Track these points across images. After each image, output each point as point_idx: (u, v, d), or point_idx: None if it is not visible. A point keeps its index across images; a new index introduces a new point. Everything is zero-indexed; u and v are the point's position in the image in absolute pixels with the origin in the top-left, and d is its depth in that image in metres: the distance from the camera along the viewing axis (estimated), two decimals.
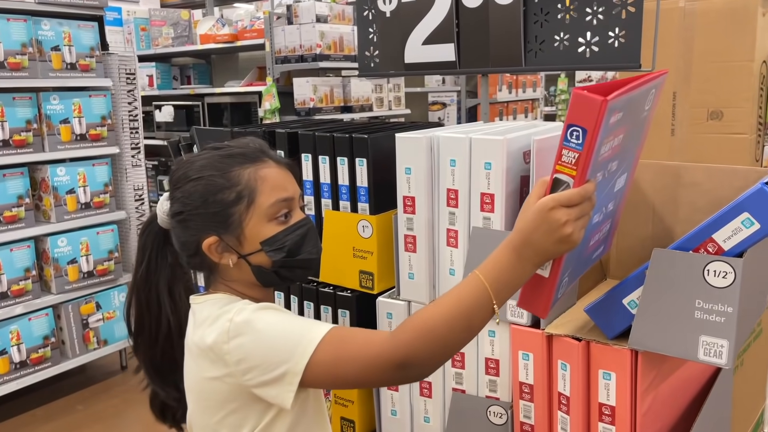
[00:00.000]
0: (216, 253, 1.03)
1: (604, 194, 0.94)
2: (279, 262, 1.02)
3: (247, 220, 1.01)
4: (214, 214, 1.01)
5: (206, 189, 1.01)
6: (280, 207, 1.02)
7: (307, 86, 4.00)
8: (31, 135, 2.79)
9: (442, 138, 1.20)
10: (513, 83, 5.64)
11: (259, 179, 1.02)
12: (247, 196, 1.01)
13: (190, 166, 1.04)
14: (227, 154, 1.04)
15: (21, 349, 2.79)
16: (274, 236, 1.02)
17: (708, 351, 0.96)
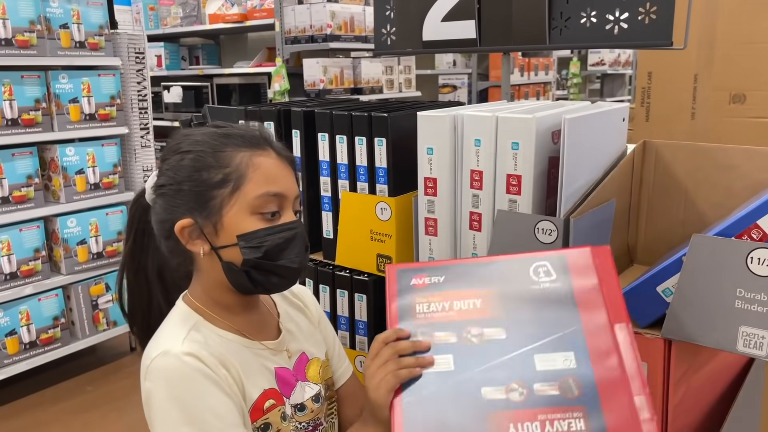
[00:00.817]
0: (188, 238, 0.94)
1: (490, 365, 0.83)
2: (251, 262, 0.92)
3: (228, 207, 0.92)
4: (196, 193, 0.92)
5: (193, 164, 0.93)
6: (267, 201, 0.93)
7: (317, 67, 3.94)
8: (40, 114, 2.75)
9: (466, 116, 1.15)
10: (525, 66, 5.56)
11: (252, 166, 0.93)
12: (234, 181, 0.92)
13: (184, 139, 0.96)
14: (225, 133, 0.96)
15: (31, 330, 2.77)
16: (253, 232, 0.92)
17: (748, 342, 0.92)
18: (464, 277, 0.93)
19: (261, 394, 0.96)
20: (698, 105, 2.67)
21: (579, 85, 6.45)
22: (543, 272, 0.91)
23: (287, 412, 0.99)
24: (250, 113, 1.49)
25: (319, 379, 1.06)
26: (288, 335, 1.06)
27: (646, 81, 2.76)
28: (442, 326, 0.88)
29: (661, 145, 1.25)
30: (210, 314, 0.98)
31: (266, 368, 0.99)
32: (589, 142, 1.15)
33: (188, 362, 0.89)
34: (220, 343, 0.95)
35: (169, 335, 0.94)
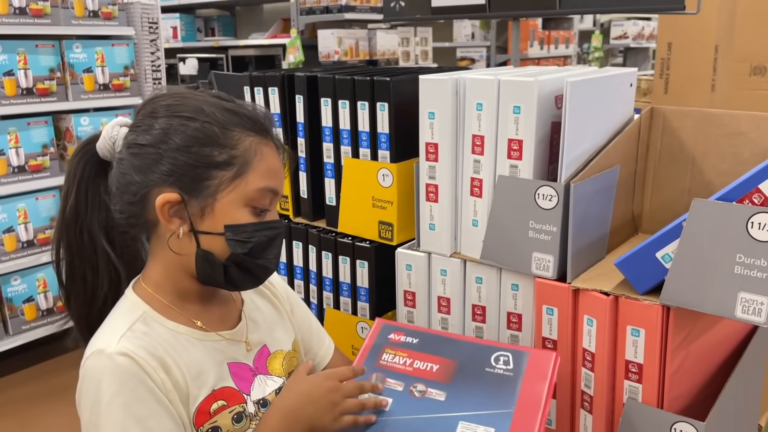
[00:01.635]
0: (166, 214, 0.85)
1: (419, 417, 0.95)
2: (234, 257, 0.87)
3: (225, 192, 0.85)
4: (190, 167, 0.84)
5: (195, 134, 0.84)
6: (264, 196, 0.88)
7: (331, 38, 3.91)
8: (54, 84, 2.77)
9: (468, 80, 1.13)
10: (545, 39, 5.47)
11: (258, 155, 0.87)
12: (238, 167, 0.85)
13: (182, 100, 0.87)
14: (233, 110, 0.88)
15: (48, 297, 2.82)
16: (243, 225, 0.86)
17: (746, 309, 0.90)
18: (434, 345, 1.06)
19: (209, 395, 0.89)
20: (718, 77, 2.61)
21: (601, 59, 6.33)
22: (503, 361, 1.02)
23: (248, 411, 0.93)
24: (254, 79, 1.48)
25: (283, 371, 1.00)
26: (251, 324, 1.00)
27: (666, 52, 2.70)
28: (396, 375, 1.01)
29: (669, 111, 1.23)
30: (163, 303, 0.91)
31: (220, 366, 0.92)
32: (593, 107, 1.12)
33: (122, 364, 0.82)
34: (167, 339, 0.88)
35: (109, 329, 0.87)
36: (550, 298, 1.09)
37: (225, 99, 0.91)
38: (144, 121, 0.87)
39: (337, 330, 1.42)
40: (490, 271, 1.18)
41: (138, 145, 0.86)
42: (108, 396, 0.81)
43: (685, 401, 1.04)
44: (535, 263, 1.10)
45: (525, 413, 0.93)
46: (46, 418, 2.48)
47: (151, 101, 0.90)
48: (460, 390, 0.98)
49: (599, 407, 1.06)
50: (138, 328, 0.87)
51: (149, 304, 0.90)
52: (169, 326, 0.90)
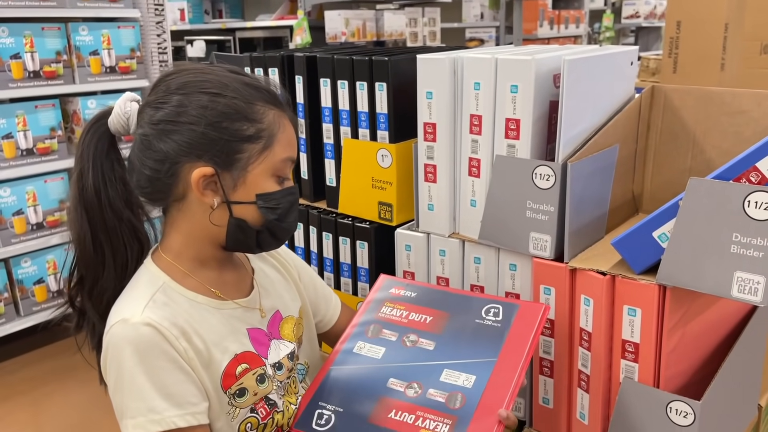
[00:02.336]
0: (200, 188, 0.89)
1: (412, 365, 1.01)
2: (268, 223, 0.92)
3: (256, 164, 0.90)
4: (223, 141, 0.87)
5: (225, 110, 0.88)
6: (286, 166, 0.94)
7: (338, 19, 3.89)
8: (61, 66, 2.78)
9: (466, 59, 1.12)
10: (555, 18, 5.40)
11: (282, 127, 0.92)
12: (266, 139, 0.90)
13: (203, 76, 0.90)
14: (253, 84, 0.92)
15: (58, 279, 2.86)
16: (272, 193, 0.92)
17: (743, 288, 0.90)
18: (431, 298, 1.11)
19: (232, 359, 0.93)
20: (728, 55, 2.57)
21: (612, 39, 6.24)
22: (492, 313, 1.05)
23: (268, 373, 0.97)
24: (255, 60, 1.48)
25: (293, 337, 1.05)
26: (262, 291, 1.03)
27: (675, 31, 2.66)
28: (391, 326, 1.07)
29: (670, 89, 1.21)
30: (182, 271, 0.94)
31: (239, 331, 0.96)
32: (592, 86, 1.11)
33: (145, 334, 0.86)
34: (187, 309, 0.92)
35: (132, 299, 0.91)
36: (548, 278, 1.09)
37: (241, 73, 0.94)
38: (167, 97, 0.89)
39: None
40: (489, 251, 1.18)
41: (166, 121, 0.88)
42: (131, 364, 0.85)
43: (681, 381, 1.04)
44: (532, 243, 1.10)
45: (507, 362, 0.97)
46: (58, 397, 2.53)
47: (168, 77, 0.91)
48: (449, 340, 1.03)
49: (596, 386, 1.07)
50: (159, 298, 0.90)
51: (168, 274, 0.94)
52: (188, 296, 0.93)
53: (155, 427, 0.85)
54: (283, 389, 1.00)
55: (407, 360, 1.01)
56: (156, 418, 0.85)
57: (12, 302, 2.72)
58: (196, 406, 0.88)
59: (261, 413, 0.96)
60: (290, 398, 1.02)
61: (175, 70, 0.92)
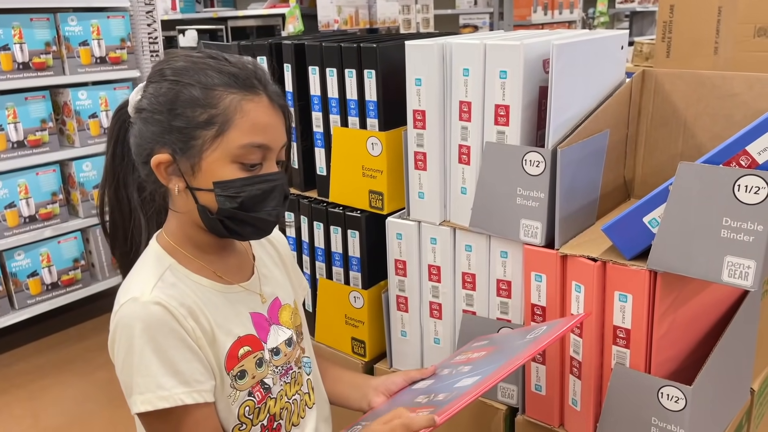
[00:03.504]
0: (164, 174, 0.90)
1: (442, 384, 0.99)
2: (225, 212, 0.90)
3: (209, 151, 0.88)
4: (177, 129, 0.88)
5: (177, 96, 0.88)
6: (250, 152, 0.89)
7: (331, 7, 3.86)
8: (50, 57, 2.75)
9: (454, 45, 1.11)
10: (549, 4, 5.37)
11: (240, 112, 0.88)
12: (219, 125, 0.87)
13: (173, 63, 0.90)
14: (217, 67, 0.90)
15: (52, 271, 2.85)
16: (230, 181, 0.89)
17: (733, 272, 0.89)
18: (496, 339, 1.09)
19: (235, 341, 0.94)
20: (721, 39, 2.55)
21: (606, 24, 6.22)
22: (534, 330, 1.01)
23: (265, 357, 0.98)
24: (243, 48, 1.46)
25: (291, 324, 1.05)
26: (262, 278, 1.04)
27: (668, 15, 2.64)
28: (449, 366, 1.05)
29: (661, 74, 1.20)
30: (185, 254, 0.95)
31: (242, 314, 0.97)
32: (582, 71, 1.10)
33: (155, 313, 0.87)
34: (193, 290, 0.93)
35: (141, 279, 0.92)
36: (539, 265, 1.09)
37: (215, 57, 0.92)
38: (149, 86, 0.91)
39: (330, 300, 1.42)
40: (479, 238, 1.17)
41: (140, 109, 0.91)
42: (141, 342, 0.86)
43: (672, 366, 1.04)
44: (523, 230, 1.09)
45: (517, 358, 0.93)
46: (54, 390, 2.53)
47: (158, 64, 0.93)
48: (485, 360, 1.00)
49: (588, 373, 1.07)
50: (168, 278, 0.92)
51: (173, 257, 0.94)
52: (193, 278, 0.94)
53: (163, 403, 0.86)
54: (278, 375, 1.00)
55: (440, 381, 1.01)
56: (164, 395, 0.86)
57: (6, 295, 2.71)
58: (203, 384, 0.89)
59: (257, 396, 0.97)
60: (291, 390, 1.02)
61: (166, 57, 0.94)
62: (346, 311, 1.40)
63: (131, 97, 0.94)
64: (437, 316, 1.27)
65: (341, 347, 1.44)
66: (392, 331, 1.34)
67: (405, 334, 1.32)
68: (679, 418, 0.97)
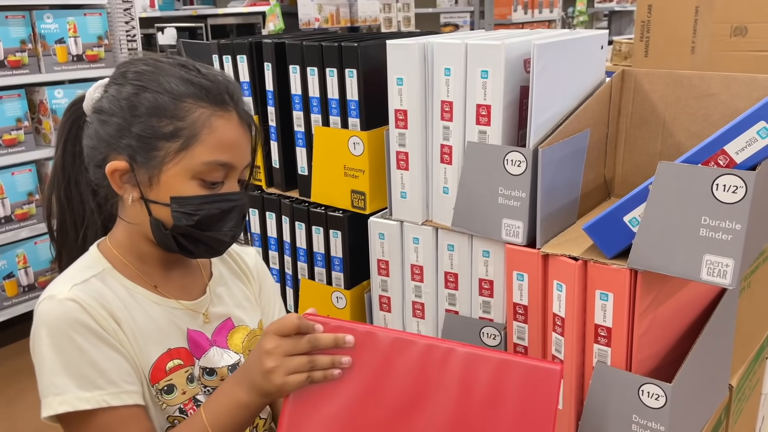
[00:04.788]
0: (118, 181, 0.87)
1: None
2: (180, 229, 0.86)
3: (171, 165, 0.84)
4: (138, 137, 0.84)
5: (144, 103, 0.84)
6: (213, 170, 0.85)
7: (311, 5, 3.84)
8: (26, 55, 2.71)
9: (436, 44, 1.11)
10: (529, 3, 5.40)
11: (208, 128, 0.85)
12: (184, 139, 0.84)
13: (139, 66, 0.87)
14: (189, 78, 0.86)
15: (28, 273, 2.81)
16: (189, 198, 0.85)
17: (712, 271, 0.90)
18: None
19: (164, 353, 0.90)
20: (698, 38, 2.58)
21: (585, 23, 6.27)
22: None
23: (195, 374, 0.93)
24: (223, 47, 1.45)
25: (242, 348, 1.00)
26: (215, 299, 0.99)
27: (646, 14, 2.66)
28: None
29: (640, 73, 1.21)
30: (125, 263, 0.91)
31: (177, 327, 0.93)
32: (563, 70, 1.11)
33: (69, 309, 0.83)
34: (123, 297, 0.89)
35: (64, 279, 0.88)
36: (520, 264, 1.09)
37: (187, 67, 0.89)
38: (110, 87, 0.88)
39: (312, 301, 1.42)
40: (462, 238, 1.17)
41: (101, 111, 0.87)
42: (57, 341, 0.82)
43: (653, 363, 1.05)
44: (505, 229, 1.10)
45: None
46: (31, 393, 2.48)
47: (122, 66, 0.90)
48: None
49: (569, 371, 1.07)
50: (94, 282, 0.88)
51: (111, 263, 0.91)
52: (127, 285, 0.90)
53: (84, 404, 0.82)
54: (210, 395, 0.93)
55: None
56: (85, 396, 0.82)
57: None
58: (131, 385, 0.85)
59: (190, 414, 0.91)
60: None
61: (131, 59, 0.90)
62: (328, 312, 1.39)
63: (89, 94, 0.90)
64: (420, 316, 1.27)
65: None
66: None
67: None
68: (659, 415, 0.98)
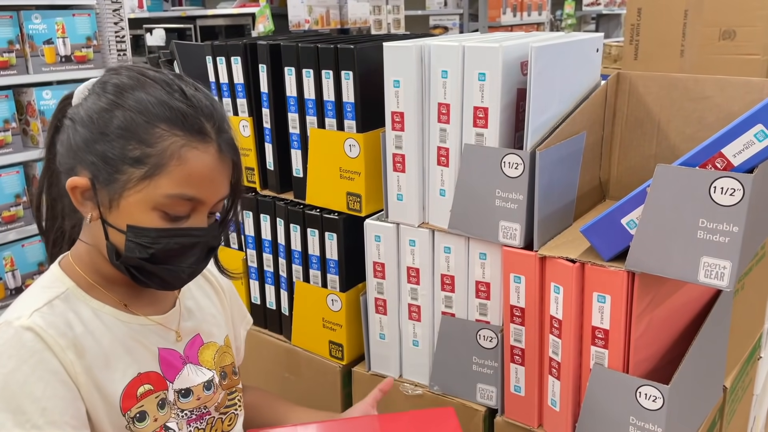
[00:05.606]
0: (79, 197, 0.81)
1: None
2: (131, 260, 0.81)
3: (132, 191, 0.79)
4: (104, 155, 0.79)
5: (117, 122, 0.78)
6: (177, 204, 0.80)
7: (301, 7, 3.83)
8: (13, 56, 2.68)
9: (433, 47, 1.11)
10: (518, 6, 5.42)
11: (177, 159, 0.78)
12: (149, 168, 0.78)
13: (121, 80, 0.81)
14: (168, 101, 0.80)
15: (16, 276, 2.77)
16: (145, 229, 0.79)
17: (709, 273, 0.91)
18: None
19: (134, 378, 0.85)
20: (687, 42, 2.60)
21: (573, 26, 6.31)
22: None
23: (168, 398, 0.88)
24: (217, 49, 1.44)
25: (213, 364, 0.96)
26: (185, 312, 0.95)
27: (636, 18, 2.68)
28: None
29: (635, 76, 1.22)
30: (89, 282, 0.86)
31: (147, 349, 0.88)
32: (559, 73, 1.11)
33: (25, 340, 0.78)
34: (89, 319, 0.84)
35: (26, 301, 0.83)
36: (518, 267, 1.09)
37: (171, 86, 0.81)
38: (89, 96, 0.82)
39: (307, 303, 1.41)
40: (458, 240, 1.17)
41: (74, 120, 0.82)
42: (5, 371, 0.77)
43: (649, 365, 1.05)
44: (502, 232, 1.10)
45: None
46: None
47: (105, 74, 0.85)
48: None
49: (566, 373, 1.07)
50: (57, 305, 0.82)
51: (75, 282, 0.86)
52: (93, 305, 0.85)
53: None
54: (185, 420, 0.90)
55: None
56: None
57: None
58: (73, 429, 0.79)
59: None
60: None
61: (116, 68, 0.85)
62: (323, 314, 1.39)
63: (77, 93, 0.85)
64: (416, 319, 1.26)
65: (318, 351, 1.43)
66: (370, 334, 1.33)
67: (383, 336, 1.31)
68: (656, 417, 0.98)
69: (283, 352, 1.49)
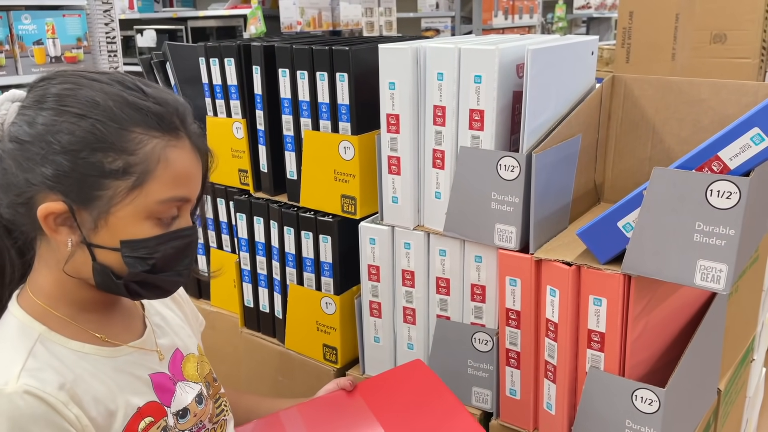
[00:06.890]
0: (52, 224, 0.73)
1: None
2: (133, 276, 0.76)
3: (121, 205, 0.73)
4: (79, 174, 0.71)
5: (86, 136, 0.71)
6: (169, 208, 0.76)
7: (293, 8, 3.82)
8: (3, 57, 2.66)
9: (429, 49, 1.11)
10: (509, 9, 5.44)
11: (163, 161, 0.74)
12: (138, 176, 0.73)
13: (74, 89, 0.73)
14: (135, 104, 0.73)
15: None
16: (143, 240, 0.75)
17: (705, 276, 0.91)
18: None
19: (135, 414, 0.81)
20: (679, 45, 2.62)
21: (564, 29, 6.34)
22: None
23: (169, 424, 0.85)
24: (210, 50, 1.43)
25: (198, 376, 0.93)
26: (157, 330, 0.91)
27: (627, 21, 2.70)
28: None
29: (630, 79, 1.22)
30: (58, 317, 0.79)
31: (139, 379, 0.84)
32: (555, 76, 1.11)
33: (25, 407, 0.70)
34: (73, 363, 0.77)
35: (3, 360, 0.74)
36: (513, 269, 1.09)
37: (130, 87, 0.76)
38: (29, 110, 0.74)
39: (301, 306, 1.40)
40: (454, 243, 1.17)
41: (20, 140, 0.73)
42: None
43: (645, 368, 1.05)
44: (497, 234, 1.09)
45: None
46: None
47: (40, 83, 0.76)
48: None
49: (562, 376, 1.07)
50: (39, 354, 0.75)
51: (44, 323, 0.78)
52: (72, 347, 0.79)
53: None
54: None
55: None
56: None
57: None
58: None
59: None
60: None
61: (51, 75, 0.76)
62: (317, 318, 1.38)
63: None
64: (411, 322, 1.26)
65: (312, 354, 1.42)
66: (365, 337, 1.32)
67: (378, 339, 1.31)
68: (652, 420, 0.98)
69: (276, 356, 1.48)
